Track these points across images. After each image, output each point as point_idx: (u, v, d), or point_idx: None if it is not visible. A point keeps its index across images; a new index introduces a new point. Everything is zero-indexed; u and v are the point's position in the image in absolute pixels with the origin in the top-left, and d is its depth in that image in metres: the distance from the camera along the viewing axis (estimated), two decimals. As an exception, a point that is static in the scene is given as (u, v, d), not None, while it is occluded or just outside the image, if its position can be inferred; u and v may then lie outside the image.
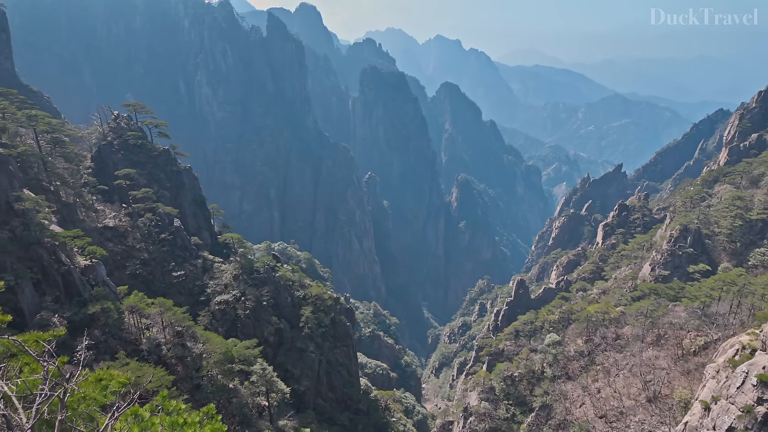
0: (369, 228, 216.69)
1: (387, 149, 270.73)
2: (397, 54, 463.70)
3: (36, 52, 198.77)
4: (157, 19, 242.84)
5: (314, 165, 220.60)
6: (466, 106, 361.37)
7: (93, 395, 4.65)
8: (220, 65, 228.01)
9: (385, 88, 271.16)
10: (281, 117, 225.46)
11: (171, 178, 71.00)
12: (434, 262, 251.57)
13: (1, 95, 66.03)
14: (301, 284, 66.59)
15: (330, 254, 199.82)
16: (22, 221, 41.57)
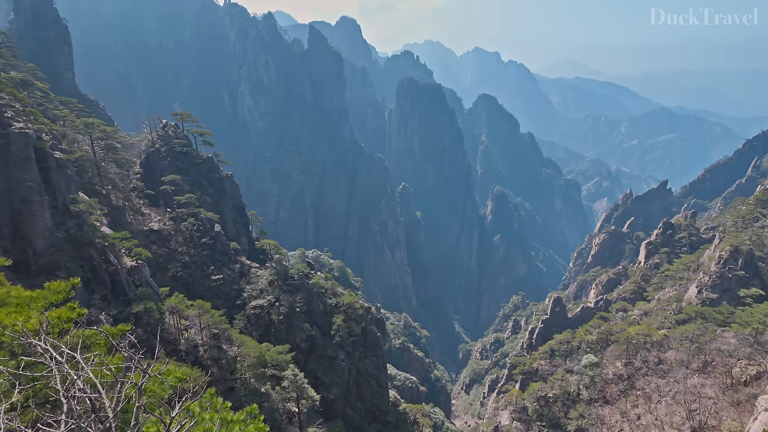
0: (401, 238, 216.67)
1: (421, 160, 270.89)
2: (434, 66, 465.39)
3: (94, 64, 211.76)
4: (204, 32, 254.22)
5: (349, 175, 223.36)
6: (503, 118, 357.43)
7: (152, 388, 5.00)
8: (263, 77, 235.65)
9: (422, 99, 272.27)
10: (319, 127, 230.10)
11: (213, 185, 73.67)
12: (467, 276, 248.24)
13: (62, 104, 70.75)
14: (333, 292, 67.26)
15: (362, 263, 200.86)
16: (77, 222, 44.15)
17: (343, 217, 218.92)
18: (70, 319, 6.10)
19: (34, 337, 4.69)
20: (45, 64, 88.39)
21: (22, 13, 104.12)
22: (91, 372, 4.18)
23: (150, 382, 4.79)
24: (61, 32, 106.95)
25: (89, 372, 4.18)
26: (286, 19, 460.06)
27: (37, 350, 4.68)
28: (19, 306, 6.24)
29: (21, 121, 43.51)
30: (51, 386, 4.39)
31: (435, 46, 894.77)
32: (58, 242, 41.63)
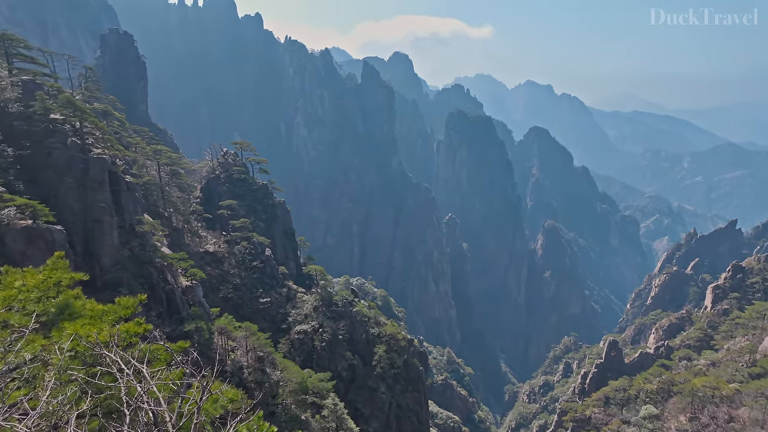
0: (446, 270, 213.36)
1: (469, 192, 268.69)
2: (485, 99, 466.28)
3: (165, 95, 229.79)
4: (265, 67, 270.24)
5: (396, 204, 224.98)
6: (555, 150, 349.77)
7: (205, 406, 5.19)
8: (317, 109, 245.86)
9: (471, 131, 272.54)
10: (368, 157, 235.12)
11: (266, 211, 76.53)
12: (515, 312, 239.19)
13: (135, 132, 76.93)
14: (376, 321, 66.86)
15: (405, 294, 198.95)
16: (140, 242, 47.09)
17: (388, 245, 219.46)
18: (137, 334, 6.51)
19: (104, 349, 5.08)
20: (123, 96, 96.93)
21: (108, 51, 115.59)
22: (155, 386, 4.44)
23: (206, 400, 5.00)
24: (139, 68, 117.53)
25: (153, 385, 4.45)
26: (341, 55, 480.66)
27: (106, 361, 5.03)
28: (93, 318, 6.76)
29: (99, 147, 47.64)
30: (116, 397, 4.70)
31: (486, 79, 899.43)
32: (122, 260, 44.49)
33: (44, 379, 5.34)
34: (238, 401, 6.47)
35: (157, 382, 4.74)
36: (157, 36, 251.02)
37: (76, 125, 45.65)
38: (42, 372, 5.60)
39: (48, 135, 43.81)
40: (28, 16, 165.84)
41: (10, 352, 5.61)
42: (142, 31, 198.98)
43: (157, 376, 5.16)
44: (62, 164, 42.68)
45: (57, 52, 77.78)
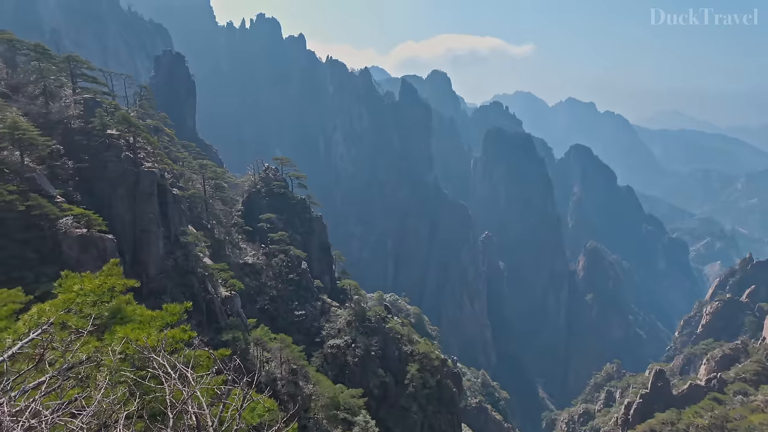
0: (482, 289, 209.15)
1: (507, 209, 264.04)
2: (524, 116, 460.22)
3: (212, 112, 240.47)
4: (307, 85, 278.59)
5: (431, 221, 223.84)
6: (598, 169, 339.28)
7: (243, 415, 5.33)
8: (356, 126, 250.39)
9: (509, 148, 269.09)
10: (404, 173, 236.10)
11: (304, 224, 78.02)
12: (554, 335, 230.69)
13: (183, 147, 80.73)
14: (409, 339, 66.20)
15: (439, 312, 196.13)
16: (184, 252, 48.99)
17: (422, 262, 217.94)
18: (182, 340, 6.80)
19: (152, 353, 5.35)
20: (174, 113, 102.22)
21: (161, 71, 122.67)
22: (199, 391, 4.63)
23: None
24: (189, 87, 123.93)
25: (197, 390, 4.63)
26: (380, 74, 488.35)
27: (153, 365, 5.29)
28: (142, 323, 7.13)
29: (150, 161, 50.27)
30: (161, 399, 4.92)
31: (526, 96, 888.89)
32: (167, 269, 46.39)
33: (97, 379, 5.68)
34: (274, 412, 6.59)
35: (201, 387, 4.93)
36: (207, 56, 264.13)
37: (130, 140, 48.47)
38: (95, 372, 5.96)
39: (104, 149, 46.70)
40: (92, 39, 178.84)
41: (69, 352, 6.01)
42: (192, 52, 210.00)
43: (201, 381, 5.36)
44: (116, 177, 45.28)
45: (116, 72, 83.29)
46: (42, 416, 4.61)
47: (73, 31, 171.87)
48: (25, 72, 51.73)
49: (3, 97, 44.92)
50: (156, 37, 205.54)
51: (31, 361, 5.73)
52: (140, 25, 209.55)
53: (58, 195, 39.78)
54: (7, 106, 40.72)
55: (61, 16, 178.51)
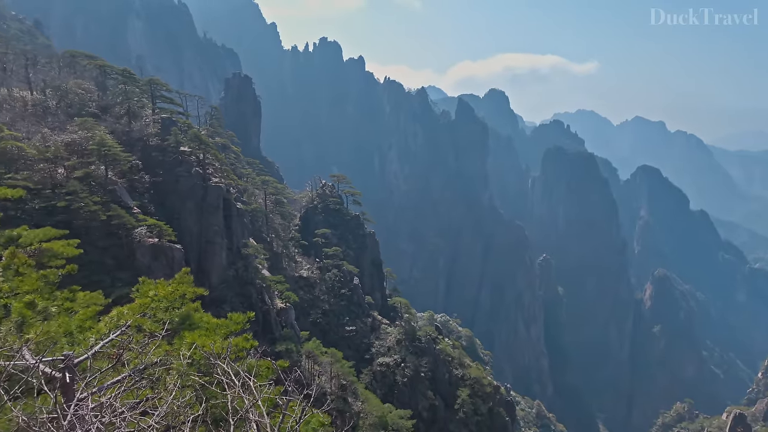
0: (539, 315, 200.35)
1: (566, 232, 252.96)
2: (587, 135, 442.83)
3: (275, 131, 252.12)
4: (365, 105, 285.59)
5: (485, 240, 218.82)
6: (667, 191, 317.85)
7: (300, 427, 5.43)
8: (410, 144, 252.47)
9: (570, 168, 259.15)
10: (459, 192, 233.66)
11: (357, 240, 79.07)
12: (616, 368, 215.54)
13: (248, 164, 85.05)
14: (460, 362, 64.51)
15: (492, 336, 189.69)
16: (244, 264, 51.15)
17: (475, 283, 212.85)
18: (244, 349, 7.09)
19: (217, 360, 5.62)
20: (240, 132, 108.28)
21: (230, 92, 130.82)
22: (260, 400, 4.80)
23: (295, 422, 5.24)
24: (255, 107, 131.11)
25: (259, 398, 4.79)
26: (437, 93, 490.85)
27: (217, 371, 5.55)
28: (208, 330, 7.52)
29: (217, 176, 53.36)
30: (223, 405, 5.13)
31: (588, 115, 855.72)
32: (228, 279, 48.59)
33: (166, 382, 6.04)
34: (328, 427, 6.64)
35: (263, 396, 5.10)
36: (273, 79, 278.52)
37: (200, 157, 51.81)
38: (165, 375, 6.33)
39: (177, 165, 50.21)
40: (171, 64, 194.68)
41: (143, 354, 6.45)
42: (259, 75, 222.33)
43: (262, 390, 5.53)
44: (186, 190, 48.44)
45: (190, 94, 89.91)
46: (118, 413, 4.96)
47: (156, 57, 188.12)
48: (113, 94, 57.16)
49: (94, 116, 49.78)
50: (227, 61, 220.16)
51: (110, 360, 6.20)
52: (213, 50, 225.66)
53: (135, 206, 43.14)
54: (96, 125, 45.05)
55: (146, 44, 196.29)
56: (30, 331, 6.78)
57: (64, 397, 5.44)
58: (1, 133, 38.69)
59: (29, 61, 58.30)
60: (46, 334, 6.70)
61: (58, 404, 4.89)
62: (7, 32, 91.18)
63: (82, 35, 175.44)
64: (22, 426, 4.65)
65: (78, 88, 55.78)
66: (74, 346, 6.69)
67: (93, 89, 58.05)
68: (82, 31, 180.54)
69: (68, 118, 47.63)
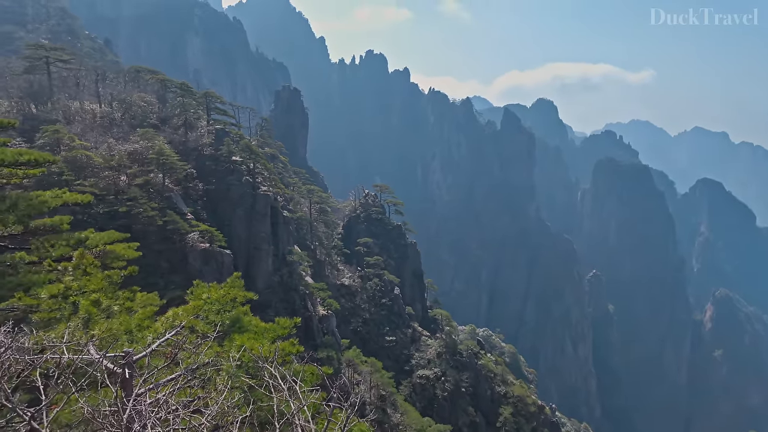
0: (588, 333, 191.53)
1: (618, 247, 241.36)
2: (641, 147, 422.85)
3: (321, 141, 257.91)
4: (408, 116, 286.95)
5: (531, 254, 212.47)
6: (731, 206, 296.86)
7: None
8: (454, 154, 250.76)
9: (622, 180, 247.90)
10: (503, 203, 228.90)
11: (398, 250, 79.07)
12: (672, 393, 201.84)
13: (294, 174, 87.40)
14: (503, 379, 62.66)
15: (537, 353, 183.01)
16: (289, 270, 52.37)
17: (519, 298, 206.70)
18: (290, 353, 7.26)
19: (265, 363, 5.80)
20: (288, 142, 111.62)
21: (280, 104, 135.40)
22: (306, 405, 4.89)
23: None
24: (303, 119, 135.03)
25: (305, 404, 4.88)
26: (482, 104, 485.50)
27: (264, 374, 5.71)
28: (256, 334, 7.78)
29: (266, 185, 55.18)
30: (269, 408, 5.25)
31: (643, 125, 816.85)
32: (273, 285, 49.88)
33: (216, 382, 6.28)
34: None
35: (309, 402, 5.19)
36: (320, 91, 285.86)
37: (250, 166, 53.85)
38: (215, 375, 6.59)
39: (229, 173, 52.42)
40: (225, 77, 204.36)
41: (196, 354, 6.75)
42: (308, 87, 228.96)
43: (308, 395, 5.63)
44: (236, 198, 50.41)
45: (242, 105, 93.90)
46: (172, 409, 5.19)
47: (211, 71, 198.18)
48: (172, 106, 60.69)
49: (154, 127, 52.99)
50: (277, 74, 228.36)
51: (165, 358, 6.53)
52: (265, 63, 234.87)
53: (189, 212, 45.33)
54: (156, 136, 47.91)
55: (203, 59, 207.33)
56: (95, 327, 7.29)
57: (123, 392, 5.77)
58: (73, 143, 41.94)
59: (99, 77, 63.05)
60: (109, 331, 7.18)
61: (119, 398, 5.19)
62: (80, 50, 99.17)
63: (146, 51, 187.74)
64: (87, 417, 4.99)
65: (141, 100, 59.66)
66: (133, 343, 7.11)
67: (154, 102, 61.90)
68: (146, 48, 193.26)
69: (131, 129, 50.96)
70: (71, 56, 60.03)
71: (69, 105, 52.82)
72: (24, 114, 47.75)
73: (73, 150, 40.23)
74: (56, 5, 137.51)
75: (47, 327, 7.69)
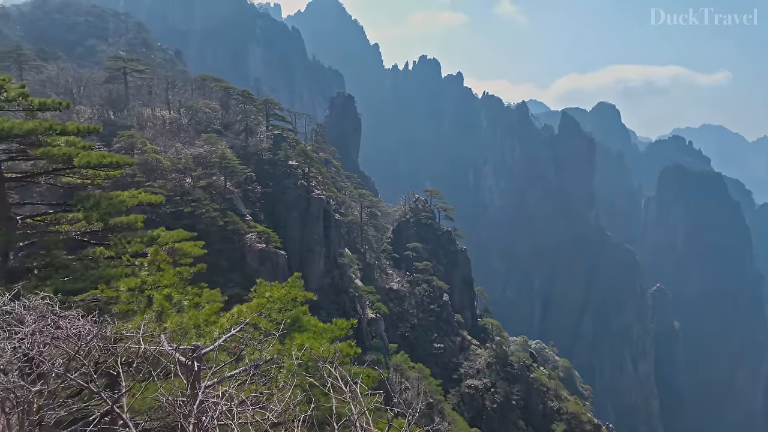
0: (650, 350, 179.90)
1: (686, 259, 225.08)
2: (713, 153, 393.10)
3: (373, 146, 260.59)
4: (461, 120, 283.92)
5: (588, 264, 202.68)
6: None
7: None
8: (507, 159, 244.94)
9: (692, 188, 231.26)
10: (559, 210, 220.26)
11: (448, 256, 78.19)
12: (748, 418, 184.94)
13: (347, 178, 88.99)
14: (556, 394, 60.15)
15: (593, 369, 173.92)
16: (340, 272, 53.25)
17: (576, 310, 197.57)
18: (348, 355, 7.39)
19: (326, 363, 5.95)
20: (341, 147, 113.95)
21: (334, 110, 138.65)
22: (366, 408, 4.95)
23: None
24: (356, 124, 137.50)
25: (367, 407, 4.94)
26: (538, 107, 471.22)
27: (323, 374, 5.85)
28: (315, 334, 8.00)
29: (319, 189, 56.57)
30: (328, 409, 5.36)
31: (715, 130, 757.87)
32: (324, 286, 50.89)
33: (277, 380, 6.51)
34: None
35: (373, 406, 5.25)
36: (374, 96, 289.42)
37: (305, 170, 55.44)
38: (277, 373, 6.82)
39: (285, 177, 54.25)
40: (284, 85, 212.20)
41: (258, 351, 7.03)
42: (362, 93, 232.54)
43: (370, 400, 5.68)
44: (292, 201, 52.05)
45: (299, 112, 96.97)
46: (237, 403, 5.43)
47: (271, 79, 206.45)
48: (234, 112, 63.85)
49: (217, 132, 55.93)
50: (332, 81, 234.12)
51: (230, 354, 6.85)
52: (321, 71, 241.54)
53: (248, 214, 47.34)
54: (219, 140, 50.54)
55: (263, 67, 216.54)
56: (167, 320, 7.80)
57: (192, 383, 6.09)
58: (145, 147, 45.08)
59: (169, 85, 67.50)
60: (179, 324, 7.65)
61: (191, 389, 5.49)
62: (153, 61, 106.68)
63: (212, 61, 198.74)
64: (164, 404, 5.33)
65: (206, 107, 63.22)
66: (200, 337, 7.52)
67: (218, 108, 65.38)
68: (212, 58, 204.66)
69: (197, 134, 54.07)
70: (145, 66, 64.78)
71: (142, 111, 56.94)
72: (103, 120, 51.95)
73: (145, 153, 43.24)
74: (133, 20, 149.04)
75: (125, 318, 8.33)
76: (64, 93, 59.10)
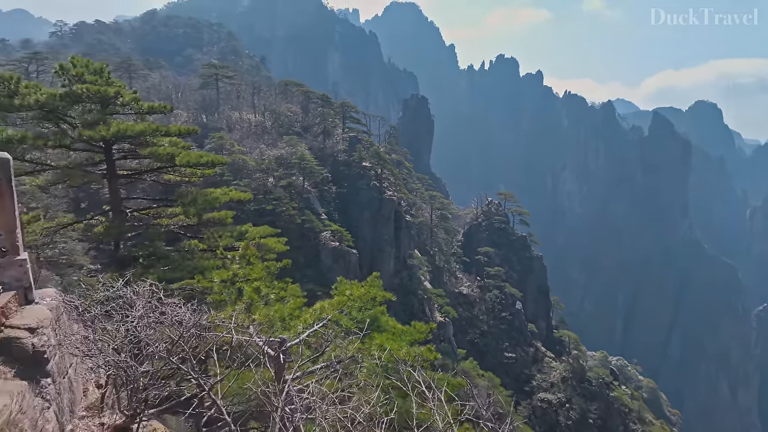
0: (753, 378, 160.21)
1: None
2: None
3: (445, 149, 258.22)
4: (540, 121, 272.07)
5: (680, 278, 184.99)
6: None
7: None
8: (590, 163, 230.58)
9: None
10: (648, 219, 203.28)
11: (522, 263, 75.24)
12: None
13: (418, 179, 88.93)
14: (639, 417, 55.55)
15: (682, 393, 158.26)
16: (409, 273, 53.36)
17: (663, 328, 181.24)
18: (427, 360, 7.34)
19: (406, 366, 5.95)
20: (414, 149, 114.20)
21: (407, 112, 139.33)
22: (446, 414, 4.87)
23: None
24: (429, 126, 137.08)
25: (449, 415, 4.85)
26: (627, 107, 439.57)
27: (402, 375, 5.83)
28: (394, 335, 8.04)
29: (391, 190, 57.12)
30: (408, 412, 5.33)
31: None
32: (393, 287, 51.20)
33: (358, 378, 6.61)
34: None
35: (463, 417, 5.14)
36: (449, 98, 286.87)
37: (378, 171, 56.29)
38: (357, 370, 6.94)
39: (359, 178, 55.46)
40: (360, 88, 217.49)
41: (339, 348, 7.20)
42: (437, 95, 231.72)
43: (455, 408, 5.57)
44: (364, 201, 53.08)
45: (373, 114, 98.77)
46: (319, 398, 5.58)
47: (348, 82, 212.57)
48: (313, 116, 66.50)
49: (297, 135, 58.57)
50: (407, 83, 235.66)
51: (312, 349, 7.06)
52: (395, 73, 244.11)
53: (323, 213, 49.05)
54: (299, 142, 52.90)
55: (341, 72, 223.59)
56: (255, 312, 8.25)
57: (277, 375, 6.34)
58: (233, 148, 48.35)
59: (255, 90, 71.95)
60: (266, 317, 8.05)
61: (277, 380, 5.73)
62: (241, 68, 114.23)
63: (293, 66, 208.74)
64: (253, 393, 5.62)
65: (288, 111, 66.51)
66: (285, 330, 7.85)
67: (298, 111, 68.51)
68: (293, 63, 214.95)
69: (279, 136, 57.05)
70: (234, 73, 69.57)
71: (231, 115, 61.22)
72: (197, 122, 56.54)
73: (233, 154, 46.38)
74: (225, 29, 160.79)
75: (217, 308, 8.95)
76: (165, 98, 65.15)
